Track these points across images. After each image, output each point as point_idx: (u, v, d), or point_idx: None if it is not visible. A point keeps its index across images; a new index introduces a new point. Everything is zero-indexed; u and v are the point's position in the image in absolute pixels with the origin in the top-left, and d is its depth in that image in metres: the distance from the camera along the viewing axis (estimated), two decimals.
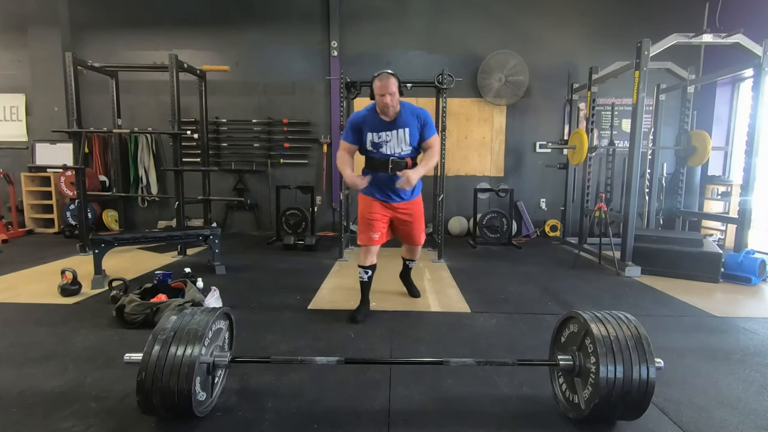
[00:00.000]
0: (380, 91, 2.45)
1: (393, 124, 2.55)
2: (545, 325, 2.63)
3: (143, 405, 1.50)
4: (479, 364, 1.74)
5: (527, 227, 6.15)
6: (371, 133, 2.57)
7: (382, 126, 2.56)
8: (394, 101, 2.48)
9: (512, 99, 5.97)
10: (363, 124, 2.58)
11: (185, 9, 5.92)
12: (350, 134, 2.62)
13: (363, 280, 2.79)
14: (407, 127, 2.55)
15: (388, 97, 2.44)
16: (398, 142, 2.57)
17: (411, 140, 2.58)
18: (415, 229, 2.82)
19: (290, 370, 2.03)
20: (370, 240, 2.69)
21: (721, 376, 2.07)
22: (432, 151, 2.61)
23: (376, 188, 2.67)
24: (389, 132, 2.56)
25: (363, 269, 2.77)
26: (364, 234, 2.70)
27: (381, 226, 2.69)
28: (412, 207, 2.77)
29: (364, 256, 2.72)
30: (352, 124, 2.61)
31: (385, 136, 2.57)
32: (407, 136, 2.57)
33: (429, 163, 2.56)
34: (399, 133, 2.56)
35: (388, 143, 2.57)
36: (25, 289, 3.29)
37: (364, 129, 2.58)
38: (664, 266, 3.92)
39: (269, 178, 6.10)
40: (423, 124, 2.59)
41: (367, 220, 2.70)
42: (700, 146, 4.80)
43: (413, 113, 2.59)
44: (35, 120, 6.05)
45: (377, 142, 2.58)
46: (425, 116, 2.60)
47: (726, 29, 4.03)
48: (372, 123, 2.57)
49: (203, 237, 3.84)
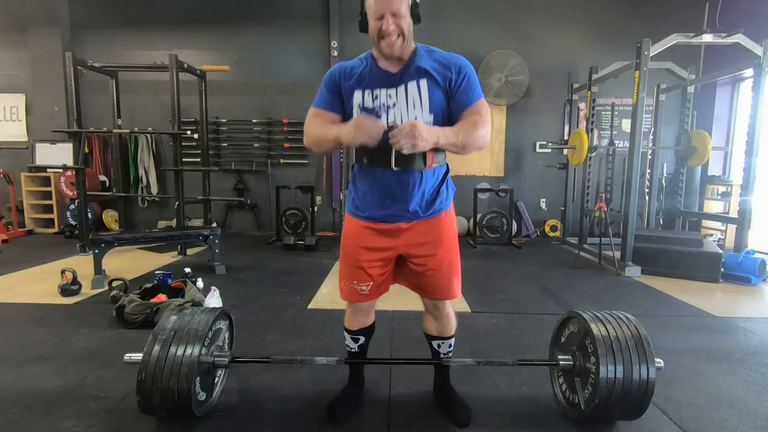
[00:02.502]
0: (378, 9, 1.32)
1: (401, 75, 1.41)
2: (545, 325, 2.62)
3: (143, 405, 1.50)
4: (479, 364, 1.74)
5: (527, 227, 6.14)
6: (361, 91, 1.43)
7: (380, 79, 1.42)
8: (403, 30, 1.35)
9: (512, 99, 5.97)
10: (347, 77, 1.45)
11: (185, 9, 5.92)
12: (325, 95, 1.48)
13: (351, 350, 1.76)
14: (424, 78, 1.40)
15: (391, 21, 1.31)
16: (409, 105, 1.40)
17: (432, 103, 1.40)
18: (440, 272, 1.55)
19: (290, 370, 2.03)
20: (355, 294, 1.59)
21: (721, 376, 2.07)
22: (474, 118, 1.39)
23: (371, 200, 1.51)
24: (392, 89, 1.41)
25: (350, 335, 1.73)
26: (347, 282, 1.60)
27: (375, 270, 1.56)
28: (434, 229, 1.54)
29: (351, 314, 1.71)
30: (330, 78, 1.48)
31: (385, 97, 1.41)
32: (424, 94, 1.40)
33: (465, 132, 1.36)
34: (410, 90, 1.40)
35: (391, 110, 1.41)
36: (25, 289, 3.29)
37: (350, 85, 1.44)
38: (664, 266, 3.92)
39: (269, 178, 6.10)
40: (458, 78, 1.40)
41: (351, 260, 1.57)
42: (700, 146, 4.80)
43: (439, 60, 1.43)
44: (35, 120, 6.05)
45: (371, 108, 1.42)
46: (462, 65, 1.42)
47: (726, 29, 4.03)
48: (364, 74, 1.43)
49: (203, 237, 3.84)
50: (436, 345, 1.74)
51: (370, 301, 1.65)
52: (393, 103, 1.41)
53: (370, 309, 1.71)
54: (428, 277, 1.56)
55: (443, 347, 1.73)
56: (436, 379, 1.82)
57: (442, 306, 1.65)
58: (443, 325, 1.69)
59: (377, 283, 1.59)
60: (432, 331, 1.72)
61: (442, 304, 1.64)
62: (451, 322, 1.70)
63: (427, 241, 1.53)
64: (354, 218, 1.59)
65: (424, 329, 1.76)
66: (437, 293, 1.59)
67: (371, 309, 1.72)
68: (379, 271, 1.57)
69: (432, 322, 1.71)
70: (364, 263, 1.55)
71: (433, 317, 1.70)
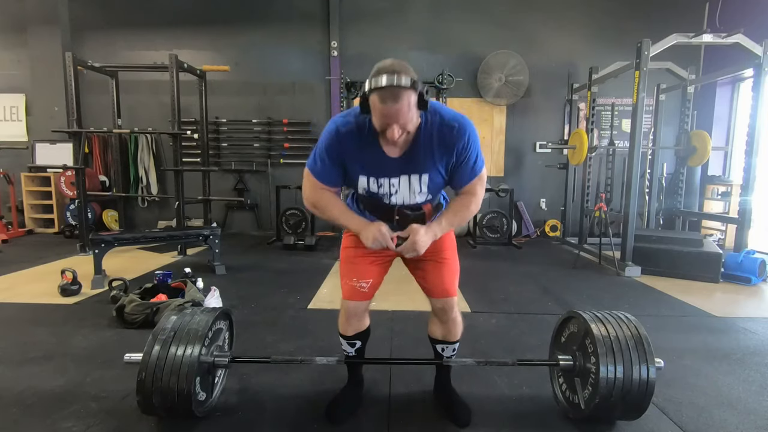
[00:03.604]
0: (384, 120, 1.28)
1: (403, 165, 1.44)
2: (545, 325, 2.62)
3: (143, 405, 1.50)
4: (479, 364, 1.74)
5: (527, 227, 6.14)
6: (366, 178, 1.46)
7: (384, 166, 1.44)
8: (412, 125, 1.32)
9: (512, 99, 5.97)
10: (350, 154, 1.43)
11: (185, 9, 5.91)
12: (327, 168, 1.45)
13: (348, 354, 1.74)
14: (426, 173, 1.44)
15: (397, 130, 1.29)
16: (411, 191, 1.48)
17: (431, 187, 1.48)
18: (440, 269, 1.61)
19: (290, 370, 2.03)
20: (355, 292, 1.61)
21: (721, 376, 2.07)
22: (468, 199, 1.48)
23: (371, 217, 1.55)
24: (395, 178, 1.45)
25: (346, 341, 1.71)
26: (347, 280, 1.62)
27: (375, 268, 1.62)
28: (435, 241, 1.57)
29: (346, 320, 1.67)
30: (329, 151, 1.42)
31: (389, 186, 1.46)
32: (424, 185, 1.46)
33: (458, 216, 1.48)
34: (412, 182, 1.46)
35: (395, 195, 1.48)
36: (25, 289, 3.29)
37: (354, 165, 1.45)
38: (664, 266, 3.92)
39: (269, 178, 6.10)
40: (460, 156, 1.42)
41: (351, 257, 1.62)
42: (700, 146, 4.80)
43: (442, 137, 1.39)
44: (35, 120, 6.06)
45: (375, 192, 1.48)
46: (466, 138, 1.39)
47: (726, 29, 4.03)
48: (366, 154, 1.42)
49: (203, 237, 3.84)
50: (440, 348, 1.74)
51: (367, 300, 1.65)
52: (395, 190, 1.48)
53: (364, 313, 1.70)
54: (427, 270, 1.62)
55: (447, 351, 1.73)
56: (437, 379, 1.83)
57: (449, 309, 1.63)
58: (449, 329, 1.69)
59: (375, 282, 1.64)
60: (437, 335, 1.72)
61: (450, 307, 1.63)
62: (458, 327, 1.69)
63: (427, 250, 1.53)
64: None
65: (429, 333, 1.75)
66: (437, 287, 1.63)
67: (365, 313, 1.71)
68: (377, 267, 1.63)
69: (438, 325, 1.70)
70: (368, 261, 1.61)
71: (439, 321, 1.68)
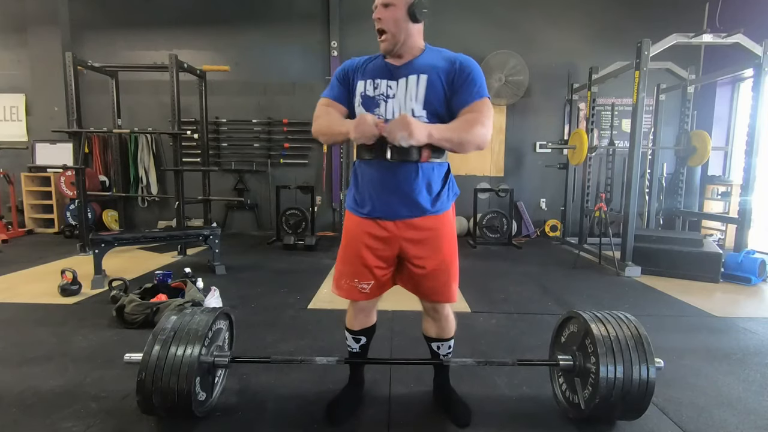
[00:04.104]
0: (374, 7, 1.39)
1: (404, 69, 1.43)
2: (545, 325, 2.62)
3: (143, 405, 1.50)
4: (479, 364, 1.74)
5: (527, 227, 6.14)
6: (364, 81, 1.46)
7: (383, 71, 1.45)
8: (394, 21, 1.37)
9: (512, 99, 5.96)
10: (356, 68, 1.50)
11: (185, 9, 5.91)
12: (336, 86, 1.53)
13: (352, 350, 1.74)
14: (425, 74, 1.40)
15: (379, 9, 1.38)
16: (407, 98, 1.41)
17: (428, 97, 1.40)
18: (438, 273, 1.53)
19: (290, 370, 2.03)
20: (355, 291, 1.57)
21: (721, 376, 2.07)
22: (473, 117, 1.37)
23: (370, 195, 1.50)
24: (393, 81, 1.43)
25: (352, 335, 1.73)
26: (346, 279, 1.57)
27: (376, 268, 1.54)
28: (434, 229, 1.51)
29: (353, 316, 1.70)
30: (343, 71, 1.53)
31: (385, 87, 1.43)
32: (422, 89, 1.40)
33: (459, 132, 1.35)
34: (409, 83, 1.41)
35: (390, 100, 1.42)
36: (25, 289, 3.29)
37: (357, 76, 1.49)
38: (664, 266, 3.92)
39: (269, 178, 6.10)
40: (461, 75, 1.39)
41: (350, 255, 1.56)
42: (700, 146, 4.80)
43: (446, 57, 1.44)
44: (35, 120, 6.06)
45: (371, 96, 1.45)
46: (467, 63, 1.42)
47: (726, 29, 4.04)
48: (370, 65, 1.49)
49: (203, 237, 3.84)
50: (436, 347, 1.72)
51: (371, 299, 1.62)
52: (392, 94, 1.42)
53: (372, 309, 1.70)
54: (427, 279, 1.54)
55: (443, 348, 1.72)
56: (435, 379, 1.82)
57: (440, 308, 1.63)
58: (442, 327, 1.68)
59: (379, 283, 1.57)
60: (431, 333, 1.71)
61: (440, 306, 1.62)
62: (450, 324, 1.69)
63: (426, 237, 1.50)
64: (354, 215, 1.57)
65: (423, 331, 1.75)
66: (436, 296, 1.57)
67: (373, 309, 1.71)
68: (380, 272, 1.55)
69: (431, 324, 1.69)
70: (369, 261, 1.53)
71: (432, 319, 1.68)
